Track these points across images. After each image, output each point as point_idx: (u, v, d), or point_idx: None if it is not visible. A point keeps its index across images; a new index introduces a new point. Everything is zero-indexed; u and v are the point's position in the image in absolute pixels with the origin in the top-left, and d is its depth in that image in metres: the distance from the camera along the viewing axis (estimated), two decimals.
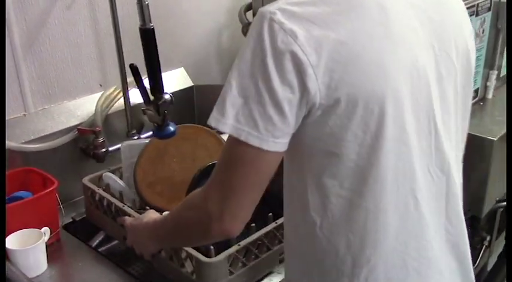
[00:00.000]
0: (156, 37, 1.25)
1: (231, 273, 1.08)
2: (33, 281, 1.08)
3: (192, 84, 1.72)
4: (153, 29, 1.23)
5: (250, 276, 1.13)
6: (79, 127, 1.41)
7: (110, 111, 1.46)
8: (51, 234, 1.19)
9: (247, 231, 1.11)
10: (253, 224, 1.11)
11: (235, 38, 1.82)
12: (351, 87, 0.72)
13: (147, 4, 1.21)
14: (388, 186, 0.77)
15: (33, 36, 1.34)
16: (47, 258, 1.14)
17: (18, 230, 1.12)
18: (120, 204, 1.23)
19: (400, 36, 0.76)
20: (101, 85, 1.50)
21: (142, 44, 1.24)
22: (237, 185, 0.76)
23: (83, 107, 1.45)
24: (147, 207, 1.23)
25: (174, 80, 1.68)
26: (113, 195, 1.28)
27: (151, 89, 1.26)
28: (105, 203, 1.27)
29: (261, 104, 0.71)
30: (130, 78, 1.36)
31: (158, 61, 1.25)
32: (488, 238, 1.63)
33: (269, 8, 0.72)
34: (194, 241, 1.01)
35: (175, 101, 1.26)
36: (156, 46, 1.24)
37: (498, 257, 1.74)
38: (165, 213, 1.11)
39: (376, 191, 0.77)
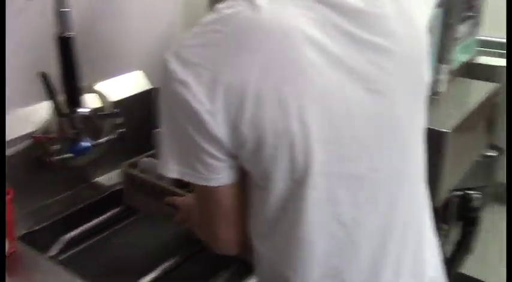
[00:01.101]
0: (112, 40, 1.23)
1: None
2: None
3: (151, 87, 1.70)
4: (72, 37, 1.20)
5: None
6: (33, 135, 1.37)
7: None
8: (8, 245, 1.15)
9: None
10: None
11: None
12: (254, 128, 0.69)
13: (69, 12, 1.18)
14: (309, 214, 0.75)
15: None
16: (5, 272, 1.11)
17: None
18: (165, 185, 1.28)
19: (305, 64, 0.68)
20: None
21: (60, 54, 1.20)
22: (211, 215, 0.80)
23: (38, 114, 1.41)
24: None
25: (131, 83, 1.65)
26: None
27: (67, 102, 1.25)
28: (148, 186, 1.33)
29: (190, 150, 0.72)
30: (85, 83, 1.34)
31: (77, 74, 1.22)
32: (445, 227, 1.70)
33: (168, 52, 0.71)
34: None
35: (132, 105, 1.24)
36: (75, 56, 1.21)
37: (456, 244, 1.80)
38: None
39: (297, 220, 0.76)
